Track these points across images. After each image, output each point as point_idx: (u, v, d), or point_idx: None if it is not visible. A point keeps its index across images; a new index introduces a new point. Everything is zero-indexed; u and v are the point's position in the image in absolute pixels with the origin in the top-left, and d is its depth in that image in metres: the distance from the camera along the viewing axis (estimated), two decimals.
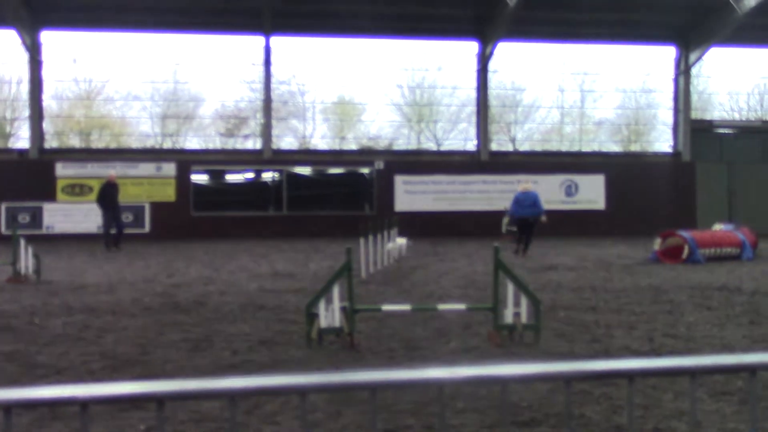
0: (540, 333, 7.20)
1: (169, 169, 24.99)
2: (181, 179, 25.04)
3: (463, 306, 8.17)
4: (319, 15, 24.88)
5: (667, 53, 27.97)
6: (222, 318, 8.65)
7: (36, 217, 24.17)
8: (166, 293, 10.79)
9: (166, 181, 24.96)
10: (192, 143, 27.88)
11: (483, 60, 26.53)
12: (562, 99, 28.83)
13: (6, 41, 25.12)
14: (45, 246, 17.02)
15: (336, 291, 7.11)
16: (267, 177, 26.12)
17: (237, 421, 1.95)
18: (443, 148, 28.34)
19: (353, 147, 28.01)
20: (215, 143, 27.98)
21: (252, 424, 4.70)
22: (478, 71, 26.81)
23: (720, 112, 30.28)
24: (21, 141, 26.50)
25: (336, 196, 26.30)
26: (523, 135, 29.37)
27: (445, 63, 27.58)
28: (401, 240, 16.86)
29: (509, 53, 27.11)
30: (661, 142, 28.96)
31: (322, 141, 28.31)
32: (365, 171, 26.22)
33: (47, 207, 24.29)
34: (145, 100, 27.01)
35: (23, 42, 24.43)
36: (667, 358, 3.37)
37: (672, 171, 27.52)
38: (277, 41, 25.91)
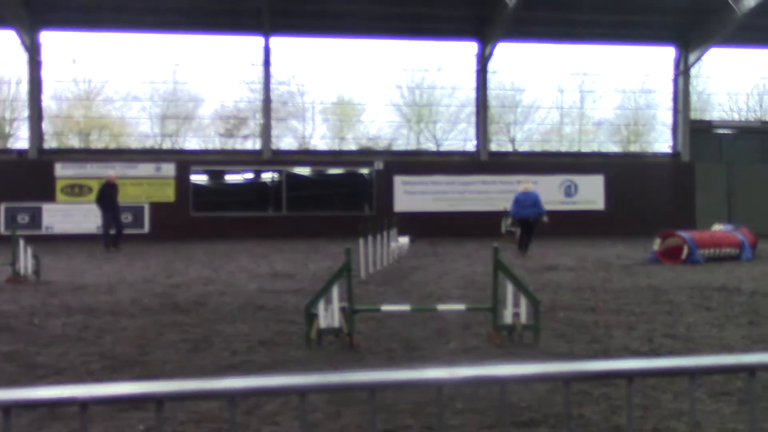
0: (539, 333, 7.20)
1: (169, 170, 24.99)
2: (181, 180, 25.04)
3: (463, 306, 8.17)
4: (319, 15, 24.88)
5: (667, 54, 28.00)
6: (221, 318, 8.65)
7: (35, 218, 24.16)
8: (165, 294, 10.79)
9: (165, 182, 24.96)
10: (191, 143, 27.90)
11: (482, 60, 26.54)
12: (561, 99, 28.85)
13: (5, 41, 25.14)
14: (44, 246, 17.01)
15: (335, 291, 7.11)
16: (266, 177, 26.12)
17: (236, 422, 1.95)
18: (443, 148, 28.34)
19: (353, 147, 28.01)
20: (215, 143, 27.98)
21: (251, 424, 4.70)
22: (477, 72, 26.81)
23: (719, 112, 30.30)
24: (20, 141, 26.52)
25: (335, 196, 26.30)
26: (523, 135, 29.41)
27: (445, 63, 27.60)
28: (404, 239, 17.04)
29: (509, 54, 27.15)
30: (661, 142, 28.98)
31: (321, 141, 28.34)
32: (365, 171, 26.22)
33: (46, 207, 24.28)
34: (145, 100, 27.02)
35: (22, 42, 24.43)
36: (667, 358, 3.37)
37: (671, 171, 27.53)
38: (277, 41, 25.91)
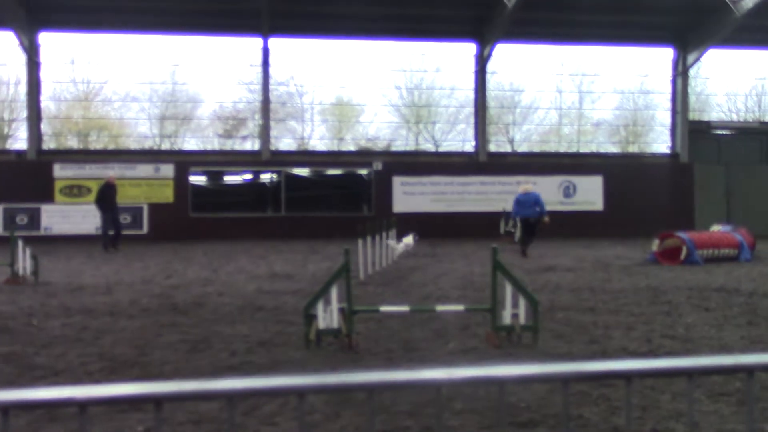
0: (538, 334, 7.20)
1: (168, 171, 24.97)
2: (180, 180, 25.03)
3: (462, 307, 8.17)
4: (317, 16, 24.87)
5: (665, 54, 28.02)
6: (220, 319, 8.64)
7: (34, 219, 24.15)
8: (164, 294, 10.78)
9: (164, 182, 24.95)
10: (190, 144, 27.89)
11: (481, 61, 26.55)
12: (560, 100, 28.87)
13: (4, 42, 25.13)
14: (43, 247, 17.01)
15: (334, 292, 7.11)
16: (265, 178, 26.11)
17: (235, 422, 1.95)
18: (441, 149, 28.34)
19: (351, 148, 28.01)
20: (213, 144, 27.97)
21: (250, 425, 4.70)
22: (476, 72, 26.82)
23: (718, 113, 30.31)
24: (19, 142, 26.52)
25: (334, 197, 26.30)
26: (522, 136, 29.41)
27: (444, 64, 27.61)
28: (408, 238, 17.24)
29: (507, 54, 27.15)
30: (659, 143, 28.99)
31: (320, 142, 28.32)
32: (363, 172, 26.22)
33: (45, 208, 24.26)
34: (144, 101, 27.02)
35: (21, 43, 24.41)
36: (665, 359, 3.37)
37: (670, 172, 27.54)
38: (276, 42, 25.92)
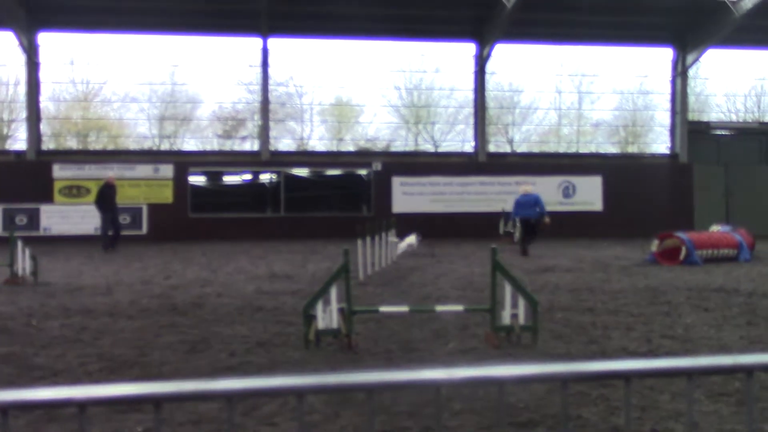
0: (537, 334, 7.20)
1: (167, 171, 24.96)
2: (179, 181, 25.02)
3: (461, 307, 8.16)
4: (317, 16, 24.87)
5: (664, 55, 28.03)
6: (219, 320, 8.64)
7: (33, 219, 24.13)
8: (163, 295, 10.78)
9: (163, 183, 24.94)
10: (189, 145, 27.88)
11: (480, 61, 26.55)
12: (559, 100, 28.87)
13: (3, 43, 25.12)
14: (42, 248, 17.00)
15: (333, 292, 7.11)
16: (265, 178, 26.11)
17: (234, 423, 1.95)
18: (441, 149, 28.34)
19: (351, 148, 28.00)
20: (213, 145, 27.96)
21: (250, 425, 4.70)
22: (475, 73, 26.82)
23: (717, 113, 30.31)
24: (18, 143, 26.50)
25: (334, 197, 26.31)
26: (521, 136, 29.41)
27: (443, 64, 27.61)
28: (411, 238, 17.55)
29: (507, 55, 27.15)
30: (659, 143, 29.00)
31: (319, 142, 28.32)
32: (363, 172, 26.22)
33: (44, 209, 24.25)
34: (143, 101, 27.01)
35: (20, 44, 24.41)
36: (665, 359, 3.37)
37: (669, 172, 27.55)
38: (275, 43, 25.92)
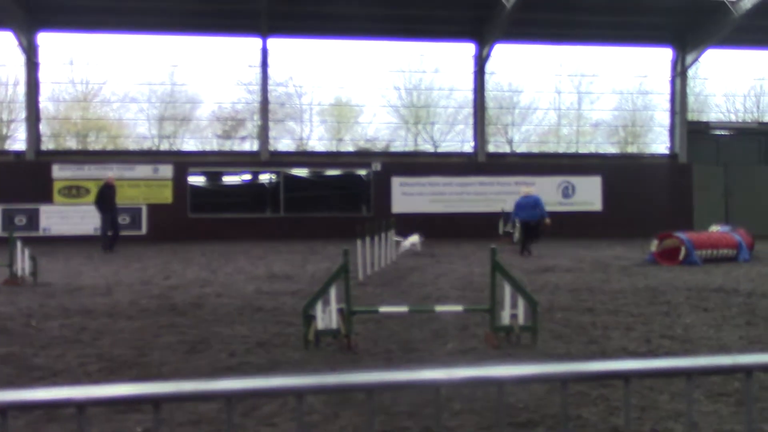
0: (537, 334, 7.20)
1: (166, 171, 24.96)
2: (178, 181, 25.01)
3: (461, 307, 8.16)
4: (316, 17, 24.87)
5: (664, 55, 28.04)
6: (219, 320, 8.64)
7: (32, 219, 24.13)
8: (162, 295, 10.78)
9: (163, 183, 24.93)
10: (189, 145, 27.86)
11: (480, 62, 26.55)
12: (559, 101, 28.87)
13: (3, 43, 25.11)
14: (41, 248, 16.99)
15: (333, 293, 7.11)
16: (264, 179, 26.11)
17: (234, 423, 1.95)
18: (440, 149, 28.34)
19: (350, 149, 27.99)
20: (212, 145, 27.95)
21: (249, 425, 4.70)
22: (475, 73, 26.82)
23: (716, 113, 30.32)
24: (18, 143, 26.49)
25: (333, 197, 26.30)
26: (520, 137, 29.40)
27: (442, 65, 27.61)
28: (413, 238, 17.74)
29: (506, 55, 27.15)
30: (658, 143, 29.01)
31: (319, 143, 28.32)
32: (362, 173, 26.22)
33: (44, 209, 24.24)
34: (142, 101, 27.00)
35: (20, 44, 24.40)
36: (664, 359, 3.37)
37: (669, 172, 27.55)
38: (274, 43, 25.92)
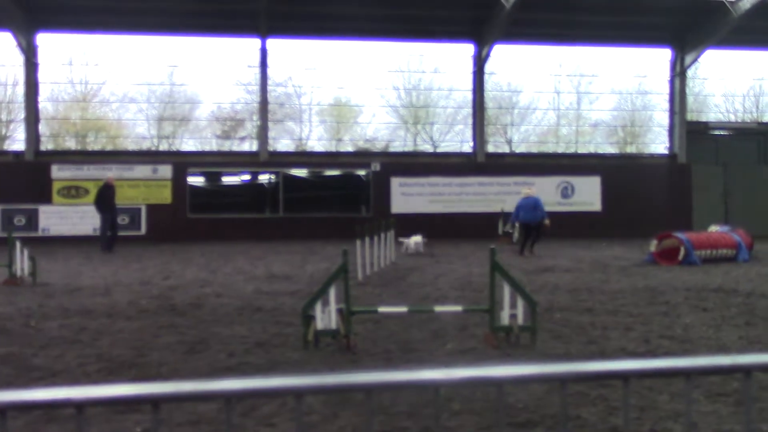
0: (536, 335, 7.20)
1: (166, 171, 24.95)
2: (178, 181, 25.00)
3: (460, 308, 8.17)
4: (315, 17, 24.86)
5: (663, 55, 28.04)
6: (218, 320, 8.64)
7: (32, 220, 24.11)
8: (162, 296, 10.77)
9: (162, 183, 24.92)
10: (188, 145, 27.85)
11: (479, 62, 26.56)
12: (558, 101, 28.87)
13: (2, 43, 25.09)
14: (41, 248, 16.98)
15: (332, 293, 7.11)
16: (263, 179, 26.10)
17: (233, 423, 1.95)
18: (439, 149, 28.33)
19: (349, 149, 27.99)
20: (211, 145, 27.93)
21: (248, 426, 4.70)
22: (474, 73, 26.83)
23: (715, 114, 30.33)
24: (17, 143, 26.46)
25: (332, 198, 26.29)
26: (520, 137, 29.39)
27: (442, 65, 27.61)
28: (417, 237, 18.05)
29: (505, 55, 27.15)
30: (657, 143, 29.01)
31: (318, 143, 28.30)
32: (362, 173, 26.22)
33: (43, 209, 24.22)
34: (142, 102, 26.99)
35: (19, 44, 24.38)
36: (663, 359, 3.37)
37: (668, 173, 27.56)
38: (274, 43, 25.91)
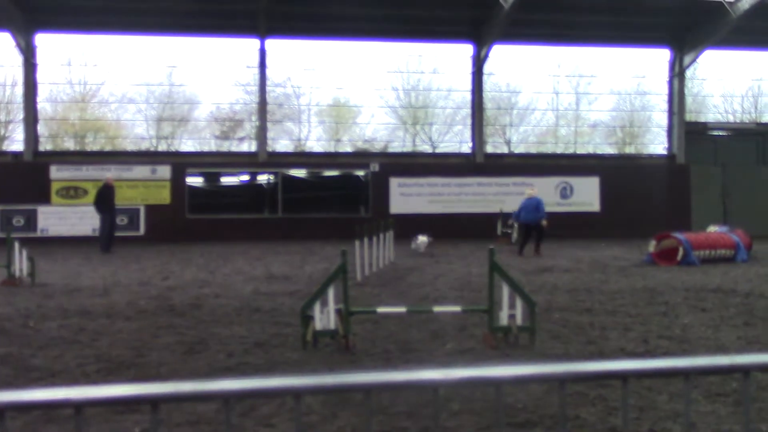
0: (535, 335, 7.20)
1: (164, 172, 24.94)
2: (176, 182, 24.99)
3: (459, 308, 8.17)
4: (314, 17, 24.86)
5: (662, 56, 28.06)
6: (217, 321, 8.63)
7: (30, 220, 24.09)
8: (161, 296, 10.77)
9: (161, 184, 24.91)
10: (187, 146, 27.83)
11: (478, 62, 26.57)
12: (556, 101, 28.88)
13: (1, 44, 25.08)
14: (39, 249, 16.97)
15: (331, 293, 7.11)
16: (262, 179, 26.10)
17: (232, 424, 1.95)
18: (438, 150, 28.33)
19: (348, 149, 27.99)
20: (210, 146, 27.92)
21: (247, 426, 4.69)
22: (473, 74, 26.84)
23: (714, 114, 30.34)
24: (15, 144, 26.42)
25: (331, 198, 26.28)
26: (518, 137, 29.39)
27: (441, 65, 27.61)
28: (423, 237, 18.27)
29: (504, 56, 27.15)
30: (656, 144, 29.03)
31: (317, 143, 28.29)
32: (360, 173, 26.21)
33: (42, 210, 24.21)
34: (140, 102, 26.98)
35: (17, 45, 24.37)
36: (662, 359, 3.38)
37: (667, 173, 27.57)
38: (272, 44, 25.90)
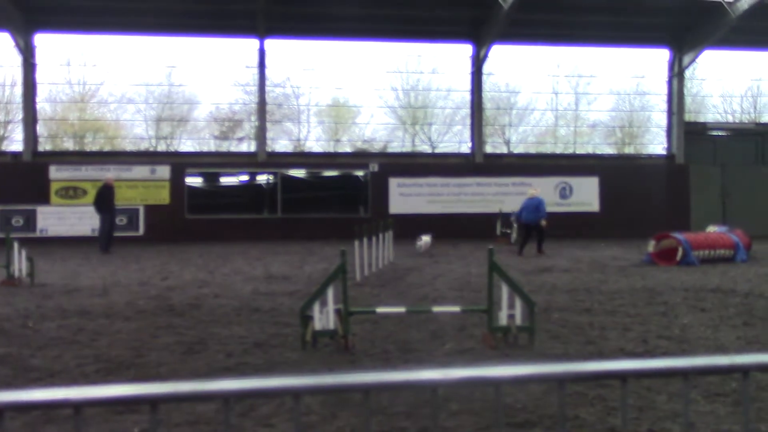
0: (534, 335, 7.21)
1: (164, 172, 24.93)
2: (176, 182, 24.99)
3: (458, 308, 8.17)
4: (314, 18, 24.87)
5: (661, 56, 28.07)
6: (216, 321, 8.63)
7: (30, 220, 24.08)
8: (160, 296, 10.77)
9: (160, 184, 24.90)
10: (186, 146, 27.83)
11: (477, 62, 26.57)
12: (556, 101, 28.89)
13: (0, 44, 25.07)
14: (39, 249, 16.96)
15: (330, 293, 7.11)
16: (261, 179, 26.09)
17: (231, 424, 1.95)
18: (438, 150, 28.34)
19: (348, 149, 27.99)
20: (210, 146, 27.92)
21: (246, 426, 4.69)
22: (472, 74, 26.84)
23: (713, 114, 30.36)
24: (14, 144, 26.41)
25: (331, 198, 26.28)
26: (518, 137, 29.40)
27: (440, 65, 27.62)
28: (426, 237, 18.52)
29: (503, 56, 27.16)
30: (655, 144, 29.04)
31: (316, 143, 28.30)
32: (360, 173, 26.21)
33: (41, 210, 24.20)
34: (140, 102, 26.98)
35: (17, 45, 24.36)
36: (661, 359, 3.37)
37: (666, 173, 27.58)
38: (272, 44, 25.90)
